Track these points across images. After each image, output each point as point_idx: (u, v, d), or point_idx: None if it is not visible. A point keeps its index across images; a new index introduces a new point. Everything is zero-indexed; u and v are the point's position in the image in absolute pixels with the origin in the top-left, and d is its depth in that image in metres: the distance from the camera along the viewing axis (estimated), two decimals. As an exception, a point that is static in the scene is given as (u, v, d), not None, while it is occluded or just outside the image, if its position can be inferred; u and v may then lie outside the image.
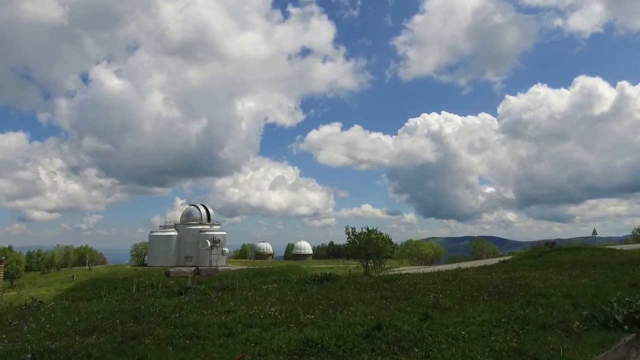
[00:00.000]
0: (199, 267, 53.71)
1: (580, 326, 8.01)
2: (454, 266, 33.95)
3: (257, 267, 62.24)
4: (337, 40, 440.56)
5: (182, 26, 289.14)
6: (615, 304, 8.67)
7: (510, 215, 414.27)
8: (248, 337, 8.53)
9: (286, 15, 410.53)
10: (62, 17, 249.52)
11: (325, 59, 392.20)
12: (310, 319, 9.95)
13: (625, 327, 8.08)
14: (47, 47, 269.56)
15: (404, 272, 33.21)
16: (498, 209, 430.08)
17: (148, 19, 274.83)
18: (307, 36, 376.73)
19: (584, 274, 17.73)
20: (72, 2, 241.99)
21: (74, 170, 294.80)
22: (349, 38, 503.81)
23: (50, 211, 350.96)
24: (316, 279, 19.68)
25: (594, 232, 43.86)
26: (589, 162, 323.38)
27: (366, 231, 40.61)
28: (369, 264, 40.46)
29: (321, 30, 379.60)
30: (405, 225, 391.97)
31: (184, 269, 54.02)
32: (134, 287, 20.47)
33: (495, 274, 19.30)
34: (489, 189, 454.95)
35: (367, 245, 39.95)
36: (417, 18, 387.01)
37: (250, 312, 11.11)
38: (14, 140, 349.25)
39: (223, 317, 10.40)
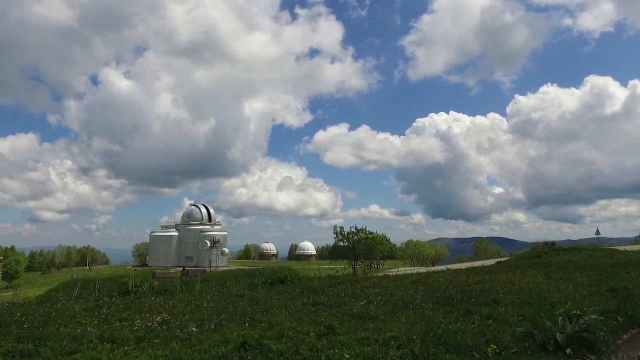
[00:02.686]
0: (186, 268, 52.07)
1: (499, 351, 5.97)
2: (443, 267, 31.86)
3: (249, 267, 60.38)
4: (346, 41, 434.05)
5: (190, 27, 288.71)
6: (560, 318, 6.60)
7: (520, 216, 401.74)
8: (80, 357, 6.67)
9: (294, 16, 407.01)
10: (72, 19, 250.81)
11: (333, 59, 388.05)
12: (190, 332, 8.07)
13: (568, 350, 6.03)
14: (57, 49, 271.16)
15: (392, 273, 31.14)
16: (507, 209, 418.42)
17: (156, 20, 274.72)
18: (315, 37, 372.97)
19: (568, 276, 15.60)
20: (82, 4, 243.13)
21: (84, 171, 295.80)
22: (358, 38, 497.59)
23: (61, 212, 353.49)
24: (269, 280, 17.83)
25: (597, 232, 40.96)
26: (599, 162, 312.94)
27: (354, 230, 38.34)
28: (358, 265, 38.23)
29: (329, 31, 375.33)
30: (414, 225, 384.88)
31: (172, 270, 52.47)
32: (75, 290, 18.80)
33: (472, 276, 17.26)
34: (498, 190, 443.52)
35: (355, 246, 37.69)
36: (426, 18, 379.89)
37: (136, 322, 9.27)
38: (25, 141, 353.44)
39: (88, 329, 8.56)
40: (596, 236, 40.96)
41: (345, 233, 38.09)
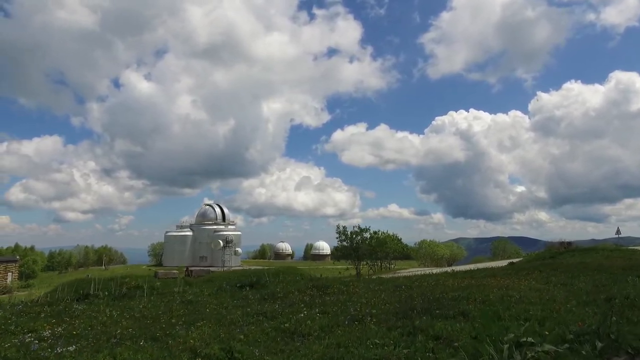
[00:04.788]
0: (189, 268, 51.22)
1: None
2: (448, 269, 29.90)
3: (256, 268, 59.22)
4: (364, 40, 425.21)
5: (209, 29, 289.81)
6: (506, 346, 4.87)
7: (543, 215, 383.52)
8: None
9: (312, 16, 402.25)
10: (94, 23, 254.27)
11: (352, 58, 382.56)
12: (63, 354, 6.62)
13: (508, 393, 4.30)
14: (80, 53, 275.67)
15: (391, 275, 29.37)
16: (530, 208, 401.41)
17: (176, 23, 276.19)
18: (333, 36, 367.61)
19: (571, 280, 13.68)
20: (103, 8, 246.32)
21: (107, 172, 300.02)
22: (376, 37, 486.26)
23: (84, 212, 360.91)
24: (237, 285, 16.38)
25: (618, 231, 38.04)
26: (625, 160, 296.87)
27: (357, 230, 36.55)
28: (361, 266, 36.48)
29: (347, 30, 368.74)
30: (433, 225, 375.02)
31: (174, 270, 51.67)
32: (41, 294, 17.73)
33: (465, 279, 15.47)
34: (520, 188, 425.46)
35: (358, 246, 35.93)
36: (445, 15, 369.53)
37: (27, 335, 7.90)
38: (50, 143, 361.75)
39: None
40: (617, 236, 38.18)
41: (348, 233, 36.40)
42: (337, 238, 36.63)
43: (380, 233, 41.50)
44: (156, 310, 10.88)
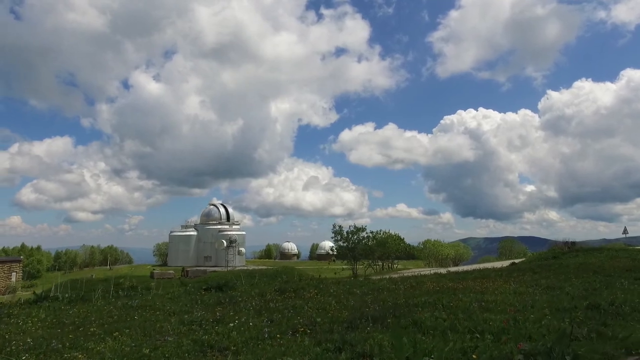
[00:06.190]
0: (186, 269, 50.53)
1: None
2: (443, 270, 28.66)
3: (257, 267, 58.37)
4: (372, 39, 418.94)
5: (217, 29, 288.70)
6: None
7: (553, 215, 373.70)
8: None
9: (320, 16, 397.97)
10: (104, 25, 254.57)
11: (360, 58, 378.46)
12: None
13: None
14: (90, 55, 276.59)
15: (386, 277, 28.20)
16: (540, 208, 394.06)
17: (184, 23, 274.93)
18: (341, 36, 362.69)
19: (561, 283, 12.43)
20: (113, 10, 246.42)
21: (117, 173, 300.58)
22: (384, 36, 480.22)
23: (95, 212, 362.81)
24: (204, 287, 15.36)
25: (625, 231, 36.40)
26: (637, 158, 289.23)
27: (354, 229, 35.33)
28: (360, 266, 35.32)
29: (355, 30, 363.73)
30: (442, 225, 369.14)
31: (170, 271, 51.07)
32: (6, 295, 16.87)
33: (445, 282, 14.29)
34: (530, 188, 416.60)
35: (355, 246, 34.75)
36: (453, 13, 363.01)
37: None
38: (60, 144, 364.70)
39: None
40: (624, 235, 36.48)
41: (345, 232, 35.23)
42: (332, 238, 35.53)
43: (381, 233, 40.30)
44: (90, 316, 9.87)
